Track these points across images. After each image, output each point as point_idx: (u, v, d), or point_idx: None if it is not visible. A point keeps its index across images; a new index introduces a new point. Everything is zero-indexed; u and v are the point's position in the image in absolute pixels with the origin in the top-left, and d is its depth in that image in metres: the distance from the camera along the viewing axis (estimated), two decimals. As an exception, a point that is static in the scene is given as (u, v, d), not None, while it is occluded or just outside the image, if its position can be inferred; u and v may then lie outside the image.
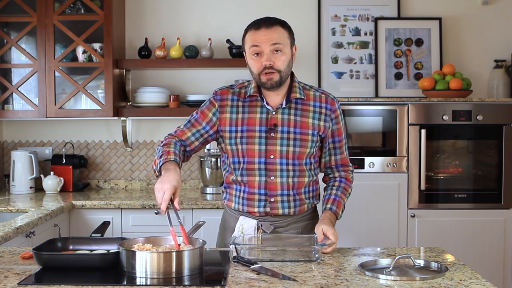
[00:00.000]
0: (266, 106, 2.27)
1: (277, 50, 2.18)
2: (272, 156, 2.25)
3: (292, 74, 2.31)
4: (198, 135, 2.32)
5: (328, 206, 2.31)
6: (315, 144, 2.29)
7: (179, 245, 1.94)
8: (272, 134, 2.25)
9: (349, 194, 2.40)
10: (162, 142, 2.29)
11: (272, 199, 2.28)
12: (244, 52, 2.29)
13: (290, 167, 2.27)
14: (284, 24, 2.23)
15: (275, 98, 2.28)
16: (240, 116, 2.28)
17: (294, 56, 2.28)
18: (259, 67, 2.20)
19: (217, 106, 2.31)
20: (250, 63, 2.24)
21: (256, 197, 2.29)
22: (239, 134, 2.27)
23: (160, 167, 2.12)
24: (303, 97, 2.28)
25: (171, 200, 1.99)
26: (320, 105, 2.30)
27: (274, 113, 2.27)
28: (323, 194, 2.39)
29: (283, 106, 2.27)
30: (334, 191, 2.35)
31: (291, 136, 2.25)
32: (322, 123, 2.29)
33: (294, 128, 2.26)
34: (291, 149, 2.25)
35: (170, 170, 2.06)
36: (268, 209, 2.29)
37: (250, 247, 2.09)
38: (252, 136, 2.26)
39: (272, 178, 2.27)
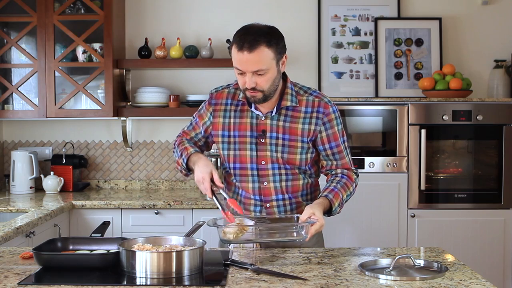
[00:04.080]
0: (255, 111, 2.24)
1: (260, 74, 2.09)
2: (263, 162, 2.23)
3: (285, 78, 2.25)
4: (200, 137, 2.38)
5: (324, 193, 2.20)
6: (305, 150, 2.24)
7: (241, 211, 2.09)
8: (261, 140, 2.22)
9: (350, 193, 2.28)
10: (175, 143, 2.38)
11: (268, 205, 2.27)
12: None
13: (283, 171, 2.25)
14: (270, 40, 2.09)
15: (265, 104, 2.21)
16: (232, 120, 2.26)
17: (284, 66, 2.17)
18: (243, 84, 2.14)
19: (211, 110, 2.31)
20: (236, 76, 2.17)
21: (252, 202, 2.28)
22: (231, 139, 2.26)
23: (187, 163, 2.24)
24: (294, 104, 2.22)
25: (213, 183, 2.13)
26: (312, 110, 2.23)
27: (263, 118, 2.23)
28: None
29: (272, 114, 2.22)
30: (333, 184, 2.25)
31: (280, 142, 2.22)
32: (312, 126, 2.22)
33: (283, 134, 2.21)
34: (279, 155, 2.22)
35: (197, 161, 2.19)
36: (264, 214, 2.27)
37: (234, 229, 2.03)
38: (243, 141, 2.24)
39: (265, 183, 2.25)
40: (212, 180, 2.14)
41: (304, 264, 1.99)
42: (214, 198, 2.11)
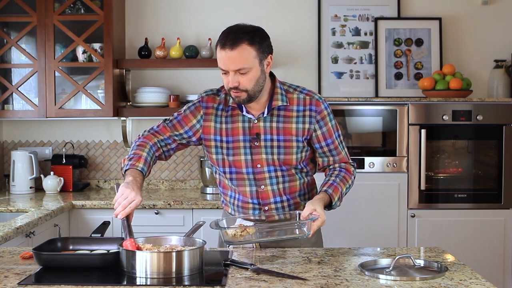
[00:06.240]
0: (247, 115, 2.21)
1: (242, 73, 2.08)
2: (259, 165, 2.22)
3: (273, 78, 2.23)
4: (180, 138, 2.28)
5: (324, 188, 2.20)
6: (300, 149, 2.22)
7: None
8: (256, 143, 2.20)
9: (349, 186, 2.28)
10: (139, 138, 2.25)
11: (266, 208, 2.26)
12: None
13: (279, 173, 2.23)
14: (253, 38, 2.07)
15: (255, 106, 2.19)
16: (224, 126, 2.22)
17: (269, 67, 2.15)
18: (227, 84, 2.12)
19: (202, 113, 2.25)
20: (221, 77, 2.16)
21: (250, 205, 2.27)
22: (224, 145, 2.22)
23: (127, 170, 2.12)
24: (285, 103, 2.20)
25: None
26: (304, 108, 2.21)
27: (256, 121, 2.20)
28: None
29: (264, 115, 2.20)
30: (332, 178, 2.24)
31: (275, 144, 2.20)
32: (306, 125, 2.21)
33: (278, 135, 2.20)
34: (275, 156, 2.21)
35: (138, 186, 2.05)
36: (263, 217, 2.27)
37: (236, 230, 2.04)
38: (237, 146, 2.21)
39: (262, 187, 2.24)
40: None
41: (304, 264, 1.99)
42: (125, 220, 1.99)
